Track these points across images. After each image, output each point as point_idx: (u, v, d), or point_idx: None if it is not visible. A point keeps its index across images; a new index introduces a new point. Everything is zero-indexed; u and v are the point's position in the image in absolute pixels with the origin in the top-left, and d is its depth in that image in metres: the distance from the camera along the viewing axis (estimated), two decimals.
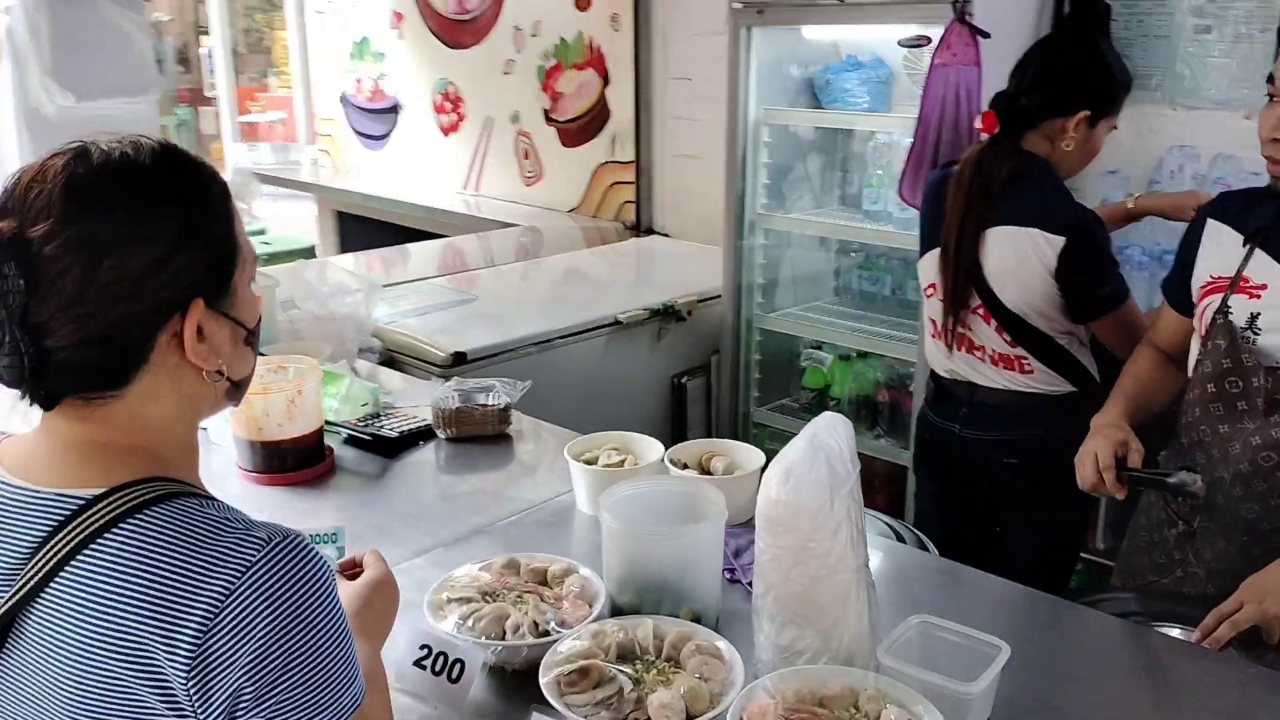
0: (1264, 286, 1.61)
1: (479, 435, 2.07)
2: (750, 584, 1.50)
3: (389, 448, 2.02)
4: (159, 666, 0.85)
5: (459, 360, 2.67)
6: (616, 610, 1.38)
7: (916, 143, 2.59)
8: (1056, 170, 2.05)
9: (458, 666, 1.26)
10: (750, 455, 1.77)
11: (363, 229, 5.24)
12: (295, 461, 1.89)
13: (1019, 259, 2.00)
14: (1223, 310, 1.64)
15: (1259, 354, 1.60)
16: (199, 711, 0.85)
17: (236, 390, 1.03)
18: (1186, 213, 2.09)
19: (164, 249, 0.90)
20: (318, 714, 0.87)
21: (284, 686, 0.85)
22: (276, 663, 0.85)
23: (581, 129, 4.45)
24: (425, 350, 2.71)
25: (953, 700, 1.15)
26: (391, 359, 2.78)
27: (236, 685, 0.84)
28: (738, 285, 3.12)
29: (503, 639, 1.30)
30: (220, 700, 0.84)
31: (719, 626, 1.39)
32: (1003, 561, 2.15)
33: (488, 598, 1.38)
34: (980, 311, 2.08)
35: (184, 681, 0.84)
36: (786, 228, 3.14)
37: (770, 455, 1.99)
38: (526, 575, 1.44)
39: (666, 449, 1.79)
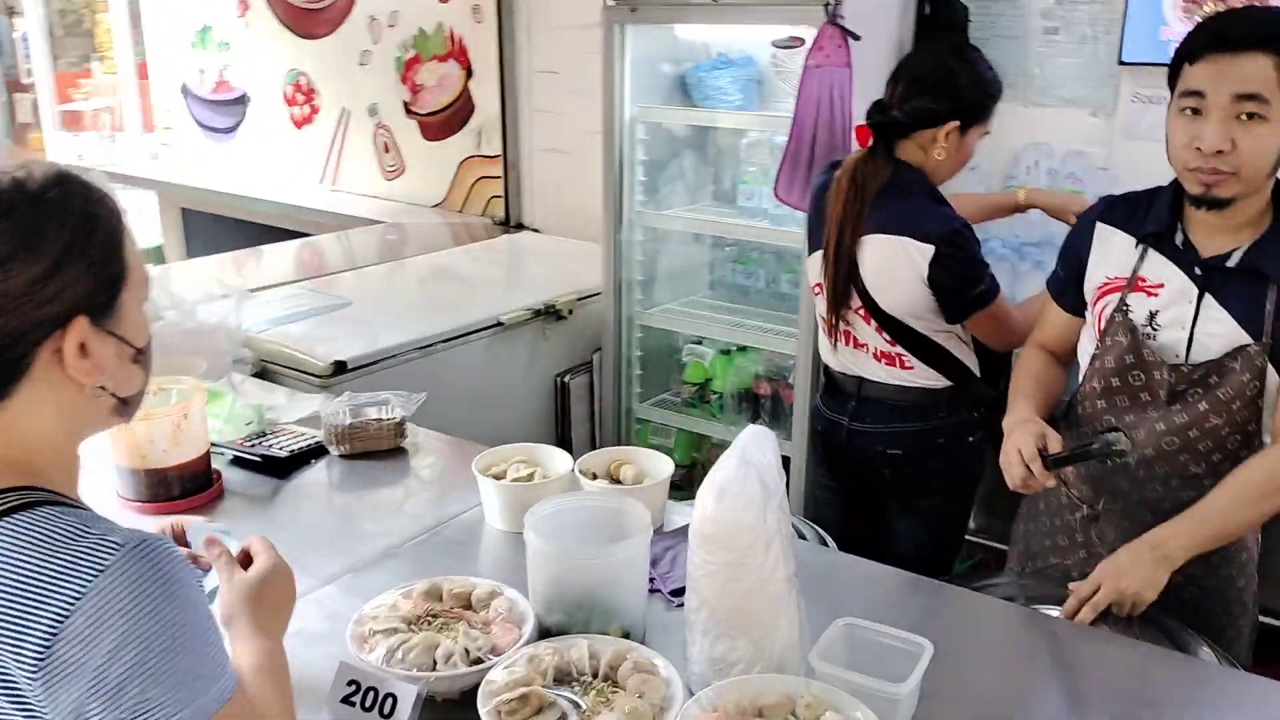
0: (1160, 286, 1.70)
1: (374, 451, 2.02)
2: (671, 593, 1.53)
3: (280, 468, 1.95)
4: (6, 669, 0.87)
5: (339, 370, 2.58)
6: (545, 631, 1.37)
7: (792, 142, 2.65)
8: (929, 179, 2.13)
9: (390, 701, 1.23)
10: (658, 463, 1.78)
11: (211, 227, 5.01)
12: (182, 489, 1.80)
13: (892, 266, 2.08)
14: (1121, 309, 1.72)
15: (1159, 350, 1.69)
16: (48, 715, 0.87)
17: (125, 407, 1.06)
18: (1068, 216, 2.22)
19: (47, 267, 0.94)
20: (174, 714, 0.88)
21: (136, 690, 0.87)
22: (128, 666, 0.86)
23: (444, 122, 4.36)
24: (303, 360, 2.61)
25: (883, 700, 1.19)
26: (265, 370, 2.67)
27: (85, 690, 0.86)
28: (618, 282, 3.13)
29: (434, 669, 1.28)
30: (68, 704, 0.86)
31: (645, 639, 1.40)
32: (892, 551, 2.24)
33: (413, 626, 1.35)
34: (861, 312, 2.15)
35: (31, 685, 0.86)
36: (664, 224, 3.16)
37: (660, 450, 2.03)
38: (450, 600, 1.41)
39: (574, 457, 1.79)
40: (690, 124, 3.17)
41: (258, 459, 1.96)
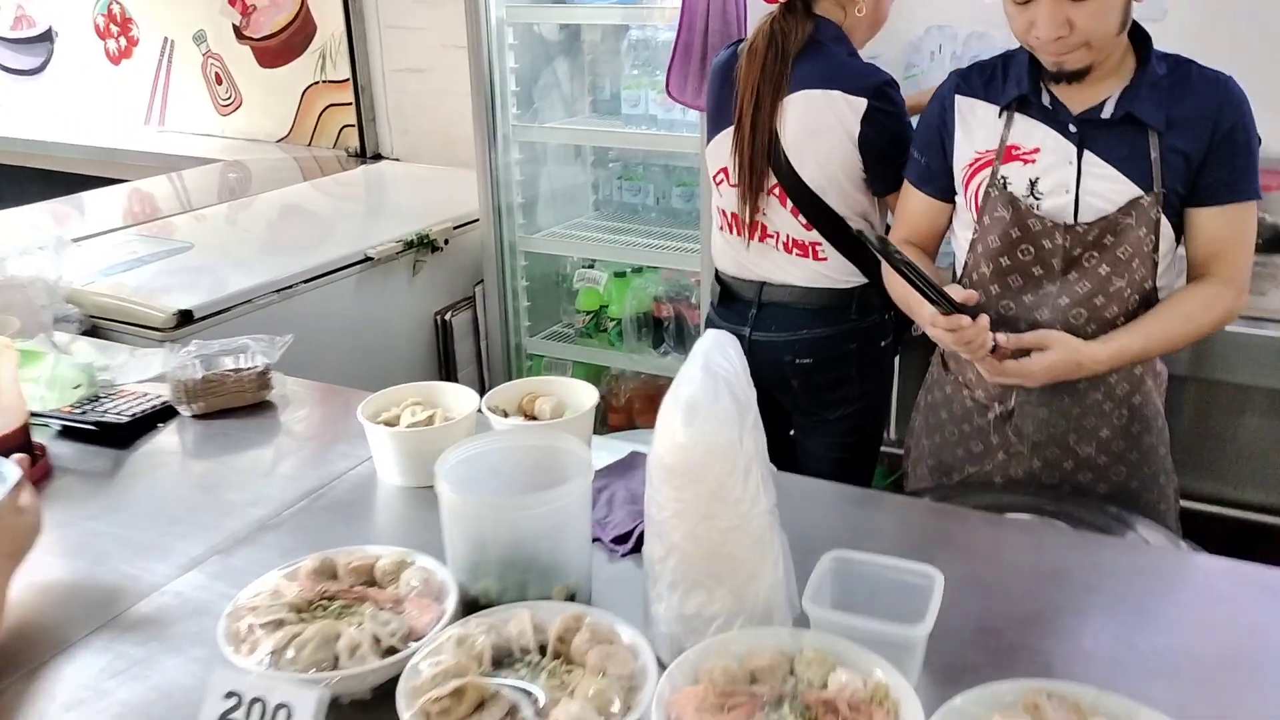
0: (1035, 151, 1.59)
1: (234, 407, 1.70)
2: (613, 542, 1.29)
3: (120, 436, 1.62)
4: None
5: (185, 320, 2.23)
6: (471, 603, 1.12)
7: (682, 33, 2.40)
8: (849, 37, 1.96)
9: (283, 714, 0.95)
10: (578, 392, 1.53)
11: (19, 181, 4.44)
12: None
13: (819, 124, 1.90)
14: (997, 182, 1.61)
15: (1048, 216, 1.58)
16: None
17: None
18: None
19: None
20: None
21: None
22: None
23: (282, 46, 3.94)
24: (140, 313, 2.25)
25: (896, 646, 0.99)
26: (96, 328, 2.30)
27: None
28: (496, 207, 2.84)
29: (337, 666, 1.01)
30: None
31: (591, 601, 1.16)
32: (803, 468, 2.07)
33: (304, 615, 1.08)
34: (776, 192, 1.97)
35: None
36: (543, 138, 2.88)
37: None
38: (348, 577, 1.14)
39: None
40: (565, 23, 2.87)
41: (91, 427, 1.62)
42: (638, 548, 1.27)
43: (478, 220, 2.86)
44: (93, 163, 4.14)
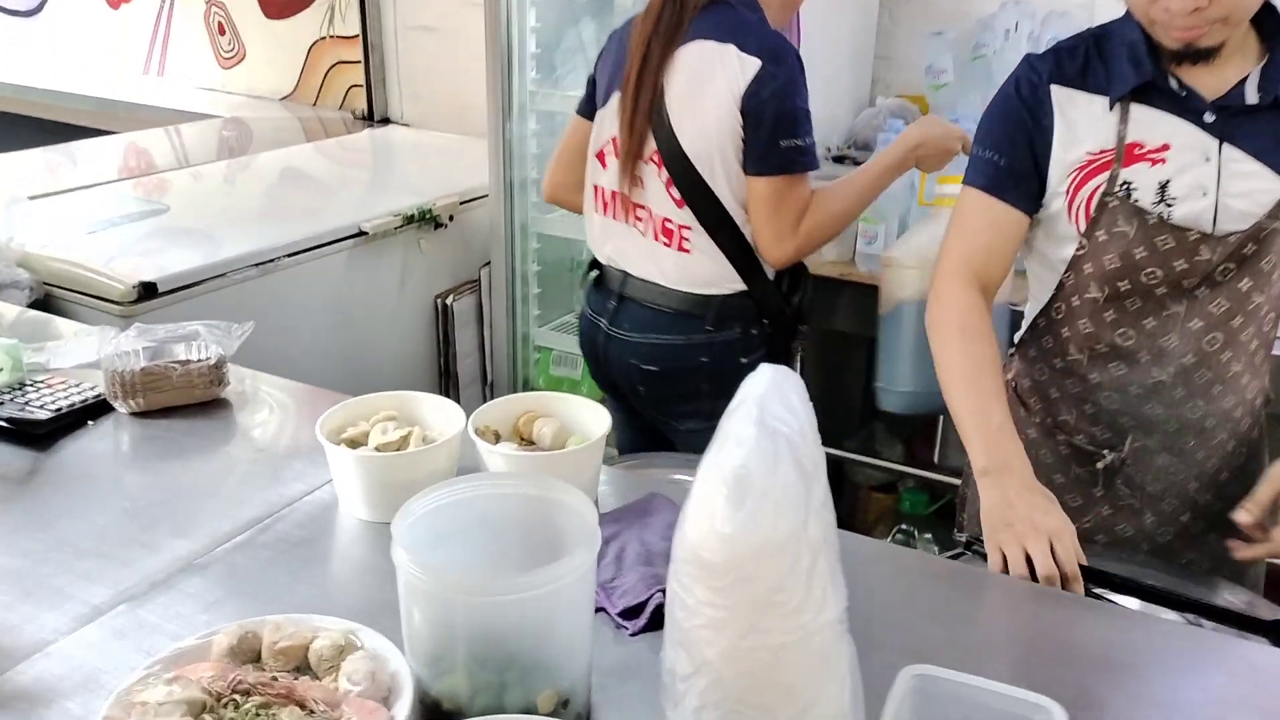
0: (1165, 148, 1.32)
1: (180, 406, 1.44)
2: (621, 616, 1.02)
3: (37, 435, 1.36)
4: None
5: (148, 293, 1.97)
6: (433, 708, 0.85)
7: None
8: (762, 7, 1.76)
9: None
10: (587, 414, 1.26)
11: (12, 131, 4.18)
12: None
13: (705, 78, 1.70)
14: (1115, 191, 1.33)
15: (1183, 226, 1.31)
16: None
17: None
18: (954, 143, 1.82)
19: None
20: None
21: None
22: None
23: None
24: (97, 282, 1.99)
25: None
26: (49, 298, 2.04)
27: None
28: (507, 182, 2.55)
29: None
30: None
31: (592, 712, 0.90)
32: None
33: (209, 715, 0.81)
34: (655, 158, 1.75)
35: None
36: (563, 108, 2.58)
37: (557, 387, 1.57)
38: (274, 660, 0.87)
39: (461, 400, 1.27)
40: None
41: (3, 423, 1.36)
42: (654, 625, 1.01)
43: (486, 196, 2.59)
44: (87, 113, 3.88)
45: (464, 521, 0.92)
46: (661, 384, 1.82)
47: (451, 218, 2.55)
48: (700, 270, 1.75)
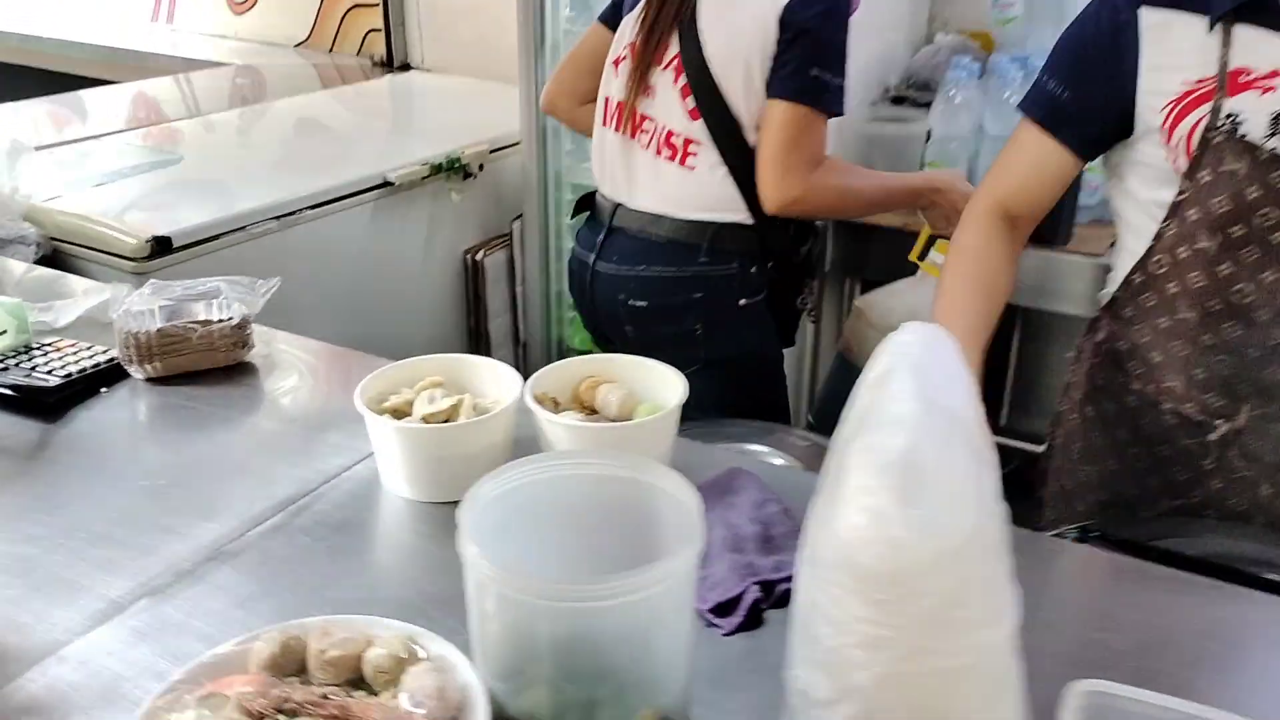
0: (1275, 74, 1.16)
1: (200, 371, 1.31)
2: (712, 612, 0.89)
3: (46, 403, 1.23)
4: None
5: (162, 249, 1.83)
6: None
7: None
8: None
9: None
10: (656, 377, 1.12)
11: (15, 82, 4.02)
12: None
13: None
14: (1219, 124, 1.17)
15: None
16: None
17: None
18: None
19: None
20: None
21: None
22: None
23: None
24: (107, 237, 1.85)
25: None
26: (57, 254, 1.91)
27: None
28: (540, 128, 2.40)
29: None
30: None
31: None
32: None
33: None
34: (674, 64, 1.64)
35: None
36: None
37: (593, 349, 1.48)
38: (322, 672, 0.75)
39: (495, 357, 1.14)
40: None
41: (8, 391, 1.23)
42: (751, 623, 0.88)
43: (518, 144, 2.43)
44: (95, 63, 3.72)
45: (540, 507, 0.78)
46: (651, 322, 1.69)
47: (481, 167, 2.40)
48: (702, 190, 1.62)
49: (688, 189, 1.63)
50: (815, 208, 1.65)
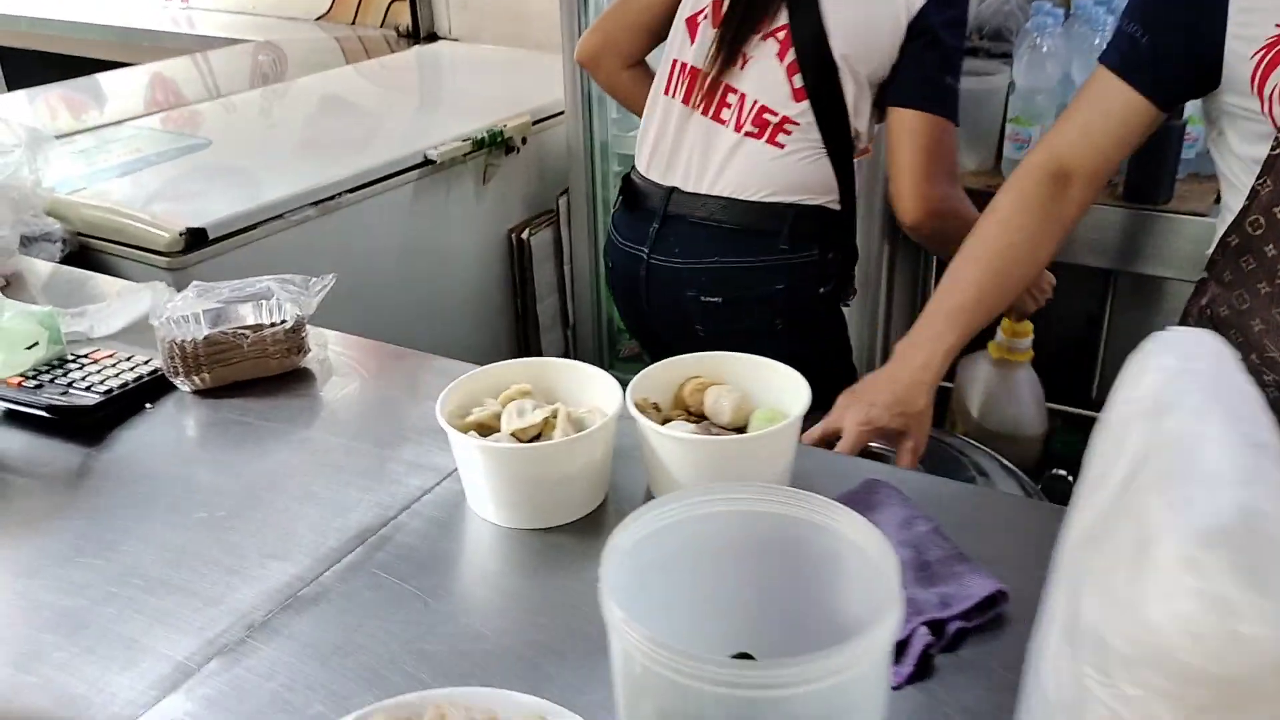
0: None
1: (252, 380, 1.19)
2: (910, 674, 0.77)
3: (85, 424, 1.11)
4: None
5: (197, 241, 1.71)
6: None
7: None
8: None
9: None
10: (769, 376, 0.99)
11: (25, 68, 3.89)
12: None
13: None
14: None
15: None
16: None
17: None
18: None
19: None
20: None
21: None
22: None
23: None
24: (138, 231, 1.73)
25: None
26: (85, 250, 1.79)
27: None
28: (586, 96, 2.25)
29: None
30: None
31: None
32: None
33: None
34: (780, 36, 1.45)
35: None
36: None
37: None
38: None
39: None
40: None
41: (42, 411, 1.11)
42: (921, 672, 0.75)
43: (562, 114, 2.29)
44: (108, 44, 3.59)
45: (690, 554, 0.66)
46: (728, 320, 1.52)
47: (525, 140, 2.26)
48: (789, 172, 1.46)
49: (773, 170, 1.47)
50: (953, 224, 1.49)
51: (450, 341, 2.21)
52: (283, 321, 1.18)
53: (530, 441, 0.94)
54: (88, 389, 1.14)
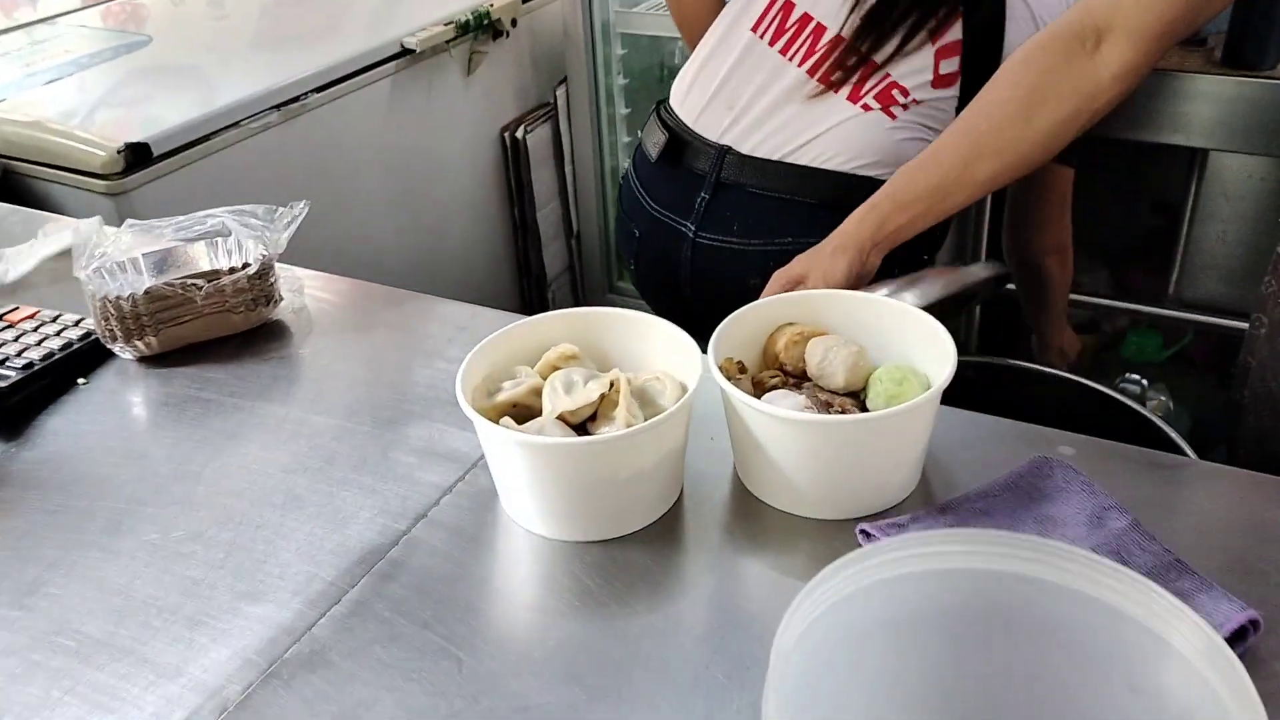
0: None
1: (211, 340, 0.94)
2: None
3: (3, 410, 0.87)
4: None
5: (139, 159, 1.43)
6: None
7: None
8: None
9: None
10: (884, 319, 0.76)
11: None
12: None
13: None
14: None
15: None
16: None
17: None
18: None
19: None
20: None
21: None
22: None
23: None
24: (68, 150, 1.45)
25: None
26: (7, 176, 1.51)
27: None
28: None
29: None
30: None
31: None
32: None
33: None
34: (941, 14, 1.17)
35: None
36: None
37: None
38: None
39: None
40: None
41: None
42: None
43: None
44: None
45: (880, 634, 0.43)
46: None
47: (514, 22, 1.96)
48: (890, 142, 1.18)
49: (877, 140, 1.18)
50: None
51: (441, 261, 1.96)
52: (245, 265, 0.93)
53: (584, 425, 0.71)
54: (2, 363, 0.89)
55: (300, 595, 0.68)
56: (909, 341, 0.75)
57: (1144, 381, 1.89)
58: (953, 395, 0.70)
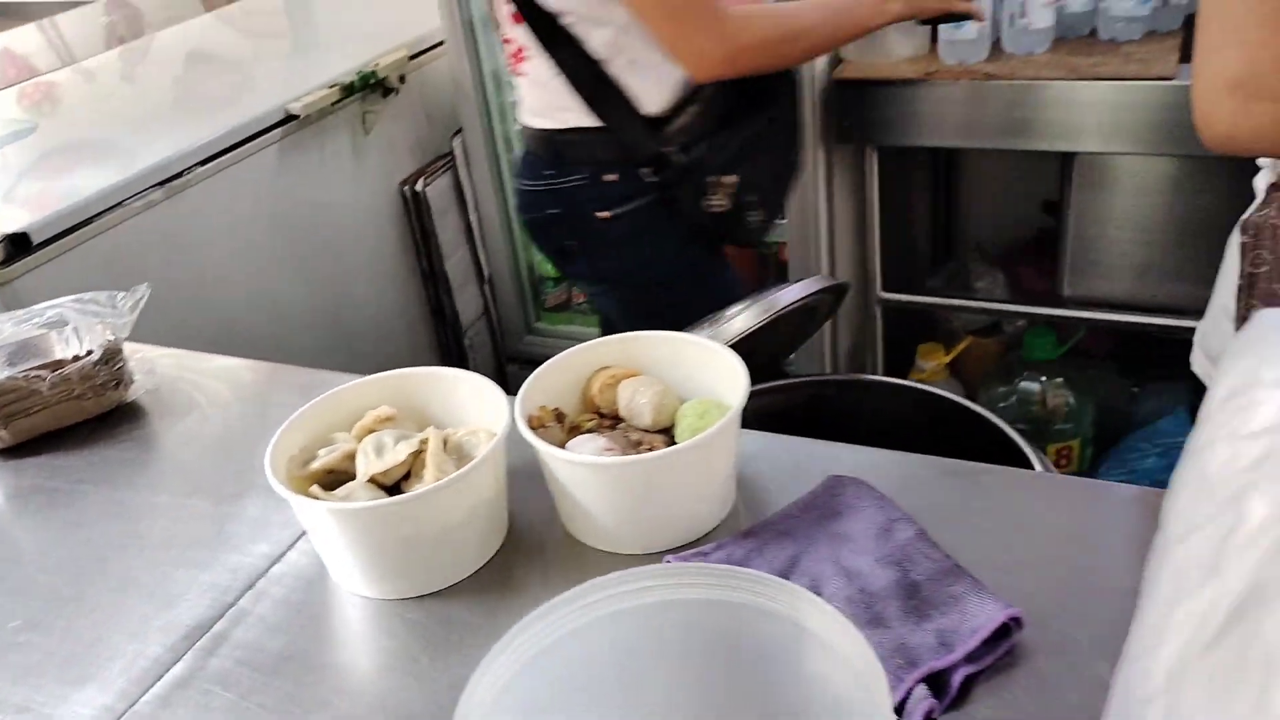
0: None
1: (65, 428, 0.96)
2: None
3: None
4: None
5: (19, 249, 1.44)
6: None
7: None
8: None
9: None
10: (690, 355, 0.78)
11: None
12: None
13: None
14: None
15: None
16: None
17: None
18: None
19: None
20: None
21: None
22: None
23: None
24: None
25: None
26: None
27: None
28: (467, 21, 1.98)
29: None
30: None
31: None
32: None
33: None
34: None
35: None
36: None
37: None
38: None
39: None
40: None
41: None
42: None
43: (443, 43, 2.02)
44: None
45: (593, 674, 0.45)
46: (537, 238, 1.50)
47: (403, 79, 1.99)
48: (541, 95, 1.35)
49: (532, 95, 1.37)
50: (754, 61, 1.27)
51: (350, 320, 1.98)
52: (88, 353, 0.95)
53: (396, 485, 0.73)
54: None
55: (125, 675, 0.69)
56: (713, 375, 0.78)
57: (1043, 378, 1.93)
58: (810, 414, 0.73)
